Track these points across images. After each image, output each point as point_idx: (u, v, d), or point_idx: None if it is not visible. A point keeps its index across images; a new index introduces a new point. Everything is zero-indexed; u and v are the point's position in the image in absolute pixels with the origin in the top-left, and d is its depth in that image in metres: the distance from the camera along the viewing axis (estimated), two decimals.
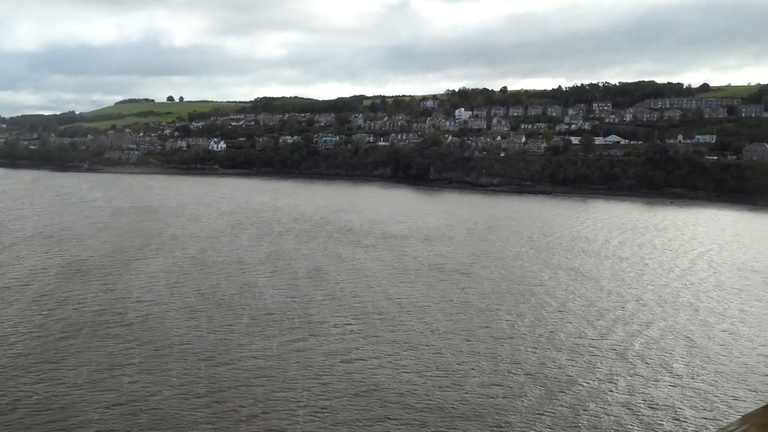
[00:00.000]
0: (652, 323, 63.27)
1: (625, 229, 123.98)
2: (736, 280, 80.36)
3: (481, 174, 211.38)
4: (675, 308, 68.43)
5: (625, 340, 58.17)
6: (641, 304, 70.44)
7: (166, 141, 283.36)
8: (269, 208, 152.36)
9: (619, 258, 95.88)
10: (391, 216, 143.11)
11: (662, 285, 78.78)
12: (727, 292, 75.27)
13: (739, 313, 66.54)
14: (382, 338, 57.29)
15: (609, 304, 70.17)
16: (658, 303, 70.49)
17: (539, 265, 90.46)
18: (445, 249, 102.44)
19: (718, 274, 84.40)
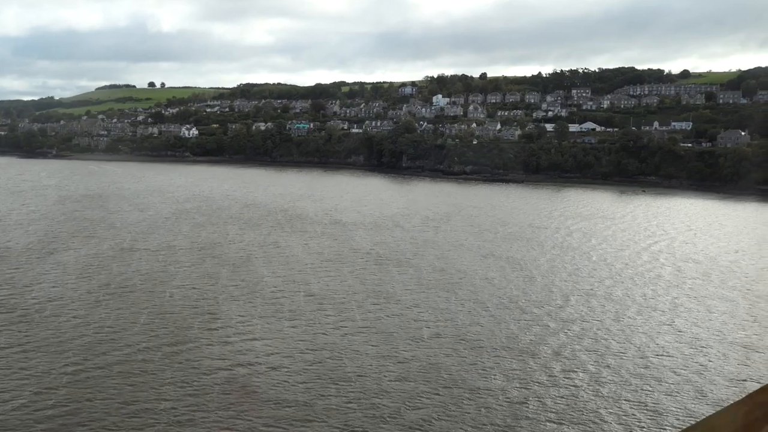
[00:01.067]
0: (574, 321, 59.15)
1: (585, 219, 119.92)
2: (674, 274, 76.26)
3: (454, 162, 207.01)
4: (603, 303, 64.31)
5: (539, 339, 54.01)
6: (565, 297, 66.29)
7: (137, 127, 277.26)
8: (226, 196, 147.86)
9: (564, 248, 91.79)
10: (350, 204, 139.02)
11: (600, 279, 74.67)
12: (660, 285, 71.24)
13: (665, 311, 62.59)
14: (281, 339, 52.80)
15: (534, 297, 66.00)
16: (586, 296, 66.40)
17: (477, 255, 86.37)
18: (391, 238, 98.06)
19: (659, 267, 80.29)
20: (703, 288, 69.46)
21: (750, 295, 67.09)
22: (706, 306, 62.54)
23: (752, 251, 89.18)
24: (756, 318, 58.85)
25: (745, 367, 47.53)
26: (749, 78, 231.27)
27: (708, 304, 63.35)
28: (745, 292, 67.85)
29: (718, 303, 63.86)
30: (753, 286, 70.51)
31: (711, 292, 68.11)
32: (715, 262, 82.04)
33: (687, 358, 49.19)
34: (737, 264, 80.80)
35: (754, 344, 52.24)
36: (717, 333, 54.81)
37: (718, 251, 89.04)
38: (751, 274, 75.82)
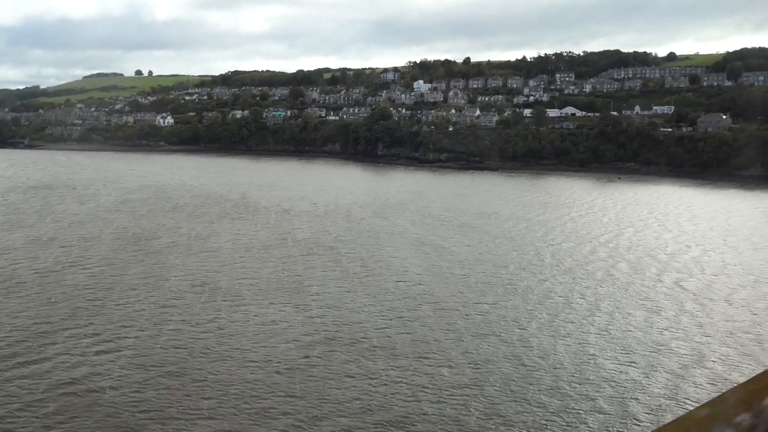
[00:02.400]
0: (477, 319, 54.09)
1: (549, 209, 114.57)
2: (626, 271, 70.93)
3: (428, 149, 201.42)
4: (531, 306, 59.18)
5: (429, 341, 48.97)
6: (482, 293, 61.16)
7: (112, 116, 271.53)
8: (182, 186, 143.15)
9: (514, 240, 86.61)
10: (310, 193, 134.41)
11: (541, 277, 69.47)
12: (604, 287, 66.04)
13: (598, 317, 57.44)
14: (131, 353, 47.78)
15: (443, 291, 60.87)
16: (508, 294, 61.26)
17: (411, 245, 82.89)
18: (332, 227, 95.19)
19: (613, 264, 75.02)
20: (652, 289, 64.05)
21: (701, 297, 61.64)
22: (648, 310, 57.11)
23: (717, 246, 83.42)
24: (701, 324, 53.20)
25: (669, 390, 42.25)
26: (734, 60, 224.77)
27: (650, 308, 57.95)
28: (697, 294, 62.32)
29: (665, 305, 58.58)
30: (709, 287, 65.05)
31: (660, 293, 62.75)
32: (674, 257, 76.45)
33: (608, 377, 44.04)
34: (698, 261, 74.91)
35: (684, 362, 47.07)
36: (649, 343, 49.53)
37: (680, 245, 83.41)
38: (710, 272, 70.25)
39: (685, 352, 46.62)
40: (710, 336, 49.90)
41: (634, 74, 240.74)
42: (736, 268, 71.16)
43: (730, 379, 41.96)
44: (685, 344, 48.18)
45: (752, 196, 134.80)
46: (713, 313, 55.66)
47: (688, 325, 52.55)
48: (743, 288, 63.27)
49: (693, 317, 54.48)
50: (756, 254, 77.54)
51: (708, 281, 65.72)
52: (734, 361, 45.13)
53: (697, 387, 40.97)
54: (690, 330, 51.36)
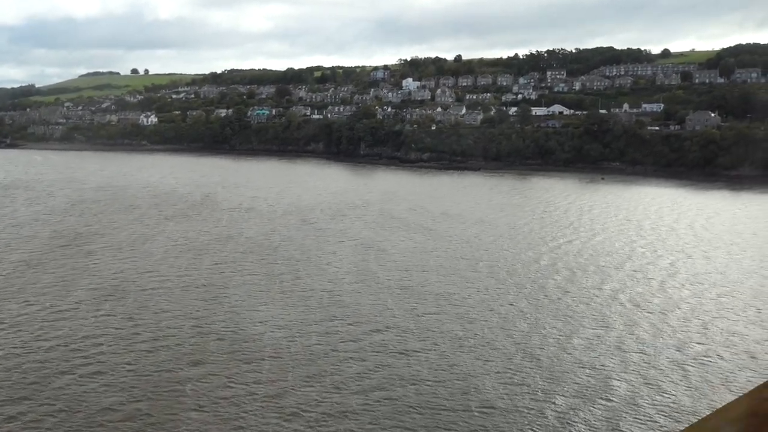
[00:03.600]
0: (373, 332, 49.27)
1: (514, 211, 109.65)
2: (560, 283, 65.81)
3: (410, 149, 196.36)
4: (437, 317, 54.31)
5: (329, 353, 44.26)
6: (384, 305, 56.30)
7: (95, 115, 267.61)
8: (147, 186, 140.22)
9: (463, 243, 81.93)
10: (277, 194, 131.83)
11: (465, 283, 64.54)
12: (529, 301, 61.05)
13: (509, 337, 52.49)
14: None
15: (365, 300, 56.07)
16: (434, 302, 56.40)
17: (353, 247, 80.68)
18: (283, 227, 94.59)
19: (551, 274, 69.90)
20: (585, 303, 58.97)
21: (643, 310, 56.54)
22: (571, 328, 52.05)
23: (690, 253, 78.01)
24: (621, 347, 48.02)
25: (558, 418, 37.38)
26: (728, 56, 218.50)
27: (572, 325, 52.88)
28: (638, 310, 57.14)
29: (586, 319, 53.56)
30: (650, 299, 59.93)
31: (591, 305, 57.68)
32: (621, 268, 71.18)
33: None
34: (645, 272, 69.65)
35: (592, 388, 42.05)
36: (552, 366, 44.54)
37: (635, 253, 78.14)
38: (656, 283, 65.07)
39: (582, 381, 41.60)
40: (609, 361, 44.84)
41: (626, 71, 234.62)
42: (697, 278, 65.93)
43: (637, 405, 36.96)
44: (588, 372, 43.09)
45: (737, 197, 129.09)
46: (639, 327, 50.58)
47: (603, 342, 47.43)
48: (689, 301, 57.99)
49: (610, 332, 49.35)
50: (728, 263, 72.08)
51: (657, 293, 60.52)
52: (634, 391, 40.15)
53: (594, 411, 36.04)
54: (598, 348, 46.25)
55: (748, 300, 58.25)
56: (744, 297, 59.11)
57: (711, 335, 49.19)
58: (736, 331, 49.91)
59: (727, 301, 57.84)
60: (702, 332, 50.02)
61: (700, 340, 48.45)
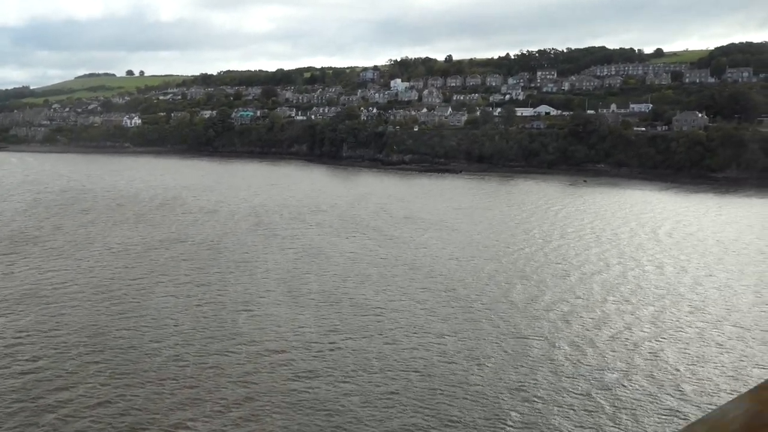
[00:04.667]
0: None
1: (480, 218, 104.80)
2: (487, 298, 61.18)
3: (392, 151, 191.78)
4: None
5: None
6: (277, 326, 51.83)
7: (79, 116, 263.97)
8: (111, 189, 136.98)
9: (412, 246, 77.31)
10: (242, 197, 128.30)
11: (385, 297, 59.99)
12: (441, 314, 56.47)
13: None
14: None
15: (276, 310, 51.57)
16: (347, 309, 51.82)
17: (293, 252, 78.04)
18: (232, 230, 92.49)
19: (484, 284, 65.28)
20: (512, 317, 54.33)
21: (570, 326, 51.94)
22: (482, 347, 47.41)
23: (633, 261, 73.24)
24: (535, 367, 43.61)
25: None
26: (720, 56, 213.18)
27: (488, 343, 48.28)
28: (566, 326, 52.51)
29: (509, 341, 48.88)
30: (582, 313, 55.27)
31: (518, 323, 53.00)
32: (567, 278, 66.54)
33: None
34: (590, 283, 64.83)
35: None
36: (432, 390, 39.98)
37: (588, 261, 73.33)
38: (598, 295, 60.33)
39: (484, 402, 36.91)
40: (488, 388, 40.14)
41: (617, 71, 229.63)
42: (646, 292, 61.11)
43: None
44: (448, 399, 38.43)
45: (721, 200, 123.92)
46: (558, 347, 45.82)
47: (514, 360, 42.68)
48: (624, 318, 53.10)
49: (529, 349, 44.59)
50: (680, 276, 67.07)
51: (594, 307, 55.70)
52: None
53: None
54: (507, 368, 41.53)
55: (696, 318, 53.38)
56: (692, 315, 54.23)
57: (634, 359, 44.30)
58: (665, 357, 44.95)
59: (667, 320, 52.94)
60: (627, 355, 45.22)
61: (619, 365, 43.64)
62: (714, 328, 50.81)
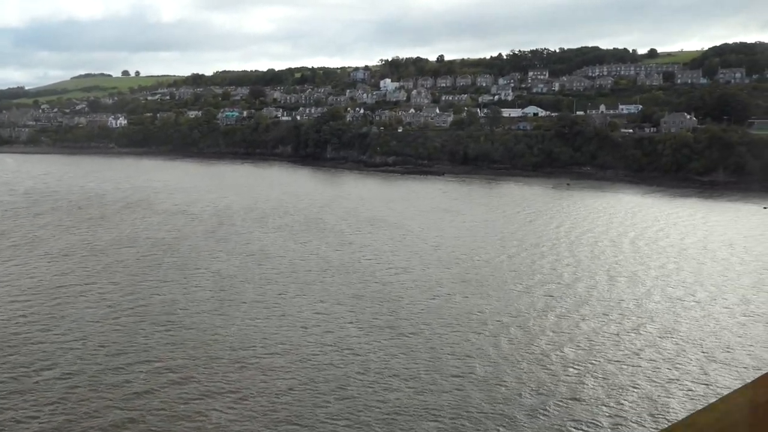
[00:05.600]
0: None
1: (447, 218, 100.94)
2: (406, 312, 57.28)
3: (375, 152, 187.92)
4: None
5: None
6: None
7: (64, 117, 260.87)
8: (75, 190, 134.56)
9: (364, 251, 73.42)
10: (212, 198, 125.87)
11: (306, 300, 56.17)
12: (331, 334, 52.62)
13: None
14: None
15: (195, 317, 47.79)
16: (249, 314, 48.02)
17: (238, 253, 75.05)
18: (187, 233, 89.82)
19: (425, 296, 61.35)
20: (430, 336, 50.46)
21: (496, 346, 47.99)
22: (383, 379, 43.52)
23: (600, 273, 69.20)
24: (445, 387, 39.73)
25: None
26: (714, 56, 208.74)
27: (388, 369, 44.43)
28: (492, 345, 48.72)
29: (419, 365, 44.98)
30: (513, 331, 51.38)
31: (437, 343, 49.08)
32: (527, 291, 62.71)
33: None
34: (534, 296, 61.26)
35: None
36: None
37: (537, 274, 69.50)
38: (537, 311, 56.55)
39: None
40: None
41: (609, 72, 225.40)
42: (593, 307, 57.10)
43: None
44: None
45: (705, 205, 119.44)
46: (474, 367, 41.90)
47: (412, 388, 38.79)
48: (558, 339, 49.11)
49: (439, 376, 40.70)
50: (653, 287, 62.98)
51: (532, 323, 51.76)
52: None
53: None
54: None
55: (642, 340, 49.26)
56: (638, 337, 50.11)
57: (554, 388, 40.28)
58: (585, 390, 40.94)
59: (604, 342, 48.86)
60: (550, 384, 41.23)
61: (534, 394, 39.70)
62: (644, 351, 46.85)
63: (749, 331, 50.06)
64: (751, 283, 63.54)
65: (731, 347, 46.50)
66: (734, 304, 56.82)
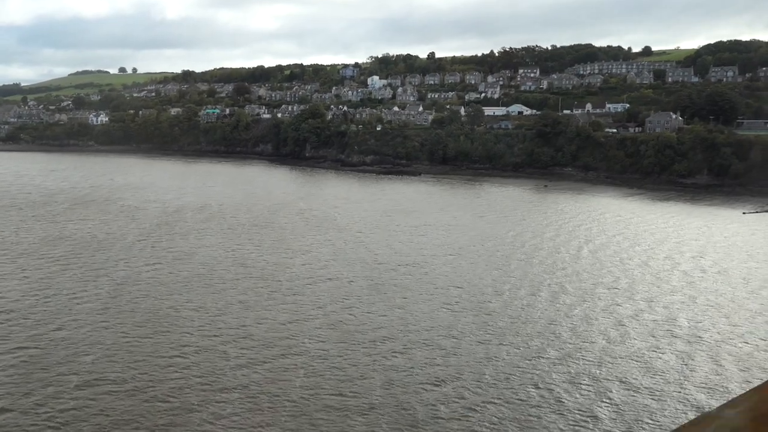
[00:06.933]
0: None
1: (398, 220, 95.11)
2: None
3: (353, 151, 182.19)
4: None
5: None
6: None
7: (45, 114, 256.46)
8: (30, 189, 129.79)
9: (290, 254, 67.72)
10: (168, 196, 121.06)
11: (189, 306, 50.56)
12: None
13: None
14: None
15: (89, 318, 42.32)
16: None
17: (164, 255, 67.22)
18: (118, 230, 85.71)
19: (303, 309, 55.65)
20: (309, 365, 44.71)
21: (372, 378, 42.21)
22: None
23: (529, 289, 63.45)
24: None
25: None
26: (707, 54, 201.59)
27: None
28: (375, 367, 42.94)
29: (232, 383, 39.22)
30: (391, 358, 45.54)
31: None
32: (445, 306, 56.94)
33: None
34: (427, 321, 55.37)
35: None
36: None
37: (491, 285, 63.76)
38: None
39: None
40: None
41: (600, 70, 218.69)
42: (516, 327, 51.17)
43: None
44: None
45: (684, 210, 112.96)
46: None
47: None
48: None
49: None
50: (558, 305, 57.09)
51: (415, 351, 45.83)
52: None
53: None
54: None
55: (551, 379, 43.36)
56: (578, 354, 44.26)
57: None
58: None
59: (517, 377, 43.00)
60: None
61: None
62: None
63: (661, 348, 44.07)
64: (704, 305, 57.43)
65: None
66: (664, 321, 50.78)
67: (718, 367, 43.11)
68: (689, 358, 44.70)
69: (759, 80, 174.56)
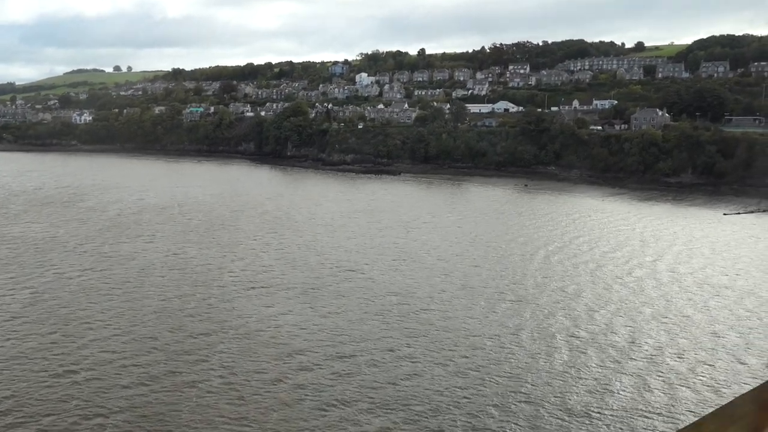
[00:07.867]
0: None
1: (365, 222, 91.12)
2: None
3: (334, 150, 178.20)
4: None
5: None
6: None
7: (27, 113, 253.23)
8: None
9: (245, 255, 63.80)
10: (132, 198, 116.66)
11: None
12: None
13: None
14: None
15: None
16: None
17: (106, 260, 62.54)
18: (68, 231, 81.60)
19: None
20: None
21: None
22: None
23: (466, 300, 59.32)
24: None
25: None
26: (698, 49, 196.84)
27: None
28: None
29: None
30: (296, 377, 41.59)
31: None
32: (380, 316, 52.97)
33: None
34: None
35: None
36: None
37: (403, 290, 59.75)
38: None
39: None
40: None
41: (590, 66, 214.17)
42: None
43: None
44: None
45: (665, 211, 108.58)
46: None
47: None
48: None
49: None
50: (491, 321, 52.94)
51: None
52: None
53: None
54: None
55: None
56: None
57: None
58: None
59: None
60: None
61: None
62: None
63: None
64: (665, 334, 53.24)
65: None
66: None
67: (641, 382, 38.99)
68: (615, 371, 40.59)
69: (750, 75, 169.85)
